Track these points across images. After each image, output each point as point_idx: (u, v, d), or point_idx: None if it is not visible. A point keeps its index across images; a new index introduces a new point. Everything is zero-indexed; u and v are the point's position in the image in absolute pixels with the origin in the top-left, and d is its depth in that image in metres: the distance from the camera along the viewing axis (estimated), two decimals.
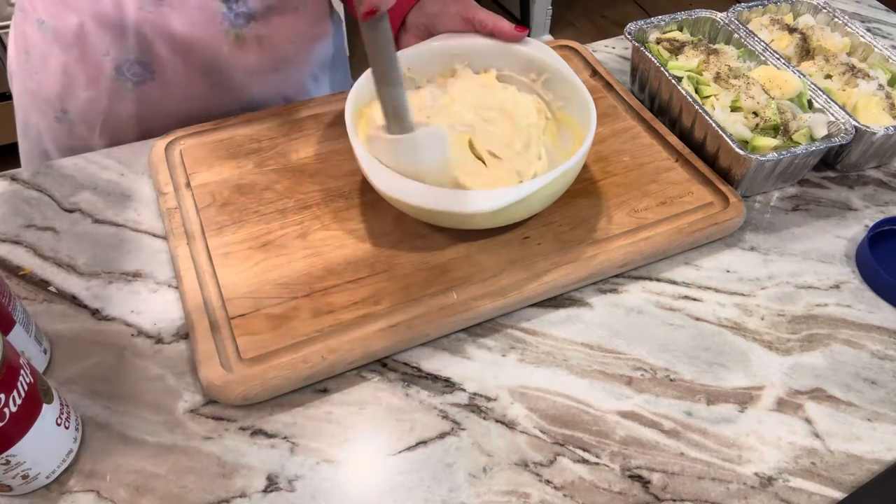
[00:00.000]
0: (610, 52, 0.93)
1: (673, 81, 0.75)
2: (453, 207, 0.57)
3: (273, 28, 0.77)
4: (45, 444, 0.48)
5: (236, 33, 0.75)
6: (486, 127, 0.67)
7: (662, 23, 0.84)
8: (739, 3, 0.88)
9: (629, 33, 0.81)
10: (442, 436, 0.54)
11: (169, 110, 0.78)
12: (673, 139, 0.75)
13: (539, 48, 0.72)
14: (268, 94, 0.83)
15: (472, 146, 0.67)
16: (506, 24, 0.71)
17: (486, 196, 0.57)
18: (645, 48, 0.79)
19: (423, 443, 0.53)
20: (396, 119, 0.59)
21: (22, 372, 0.46)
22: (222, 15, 0.73)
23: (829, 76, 0.79)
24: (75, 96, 0.76)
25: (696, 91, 0.76)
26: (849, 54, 0.83)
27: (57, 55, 0.74)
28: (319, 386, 0.56)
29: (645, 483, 0.52)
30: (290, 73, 0.83)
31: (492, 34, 0.71)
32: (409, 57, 0.71)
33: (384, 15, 0.53)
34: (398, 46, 0.74)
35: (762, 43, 0.80)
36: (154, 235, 0.67)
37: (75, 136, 0.79)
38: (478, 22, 0.71)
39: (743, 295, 0.64)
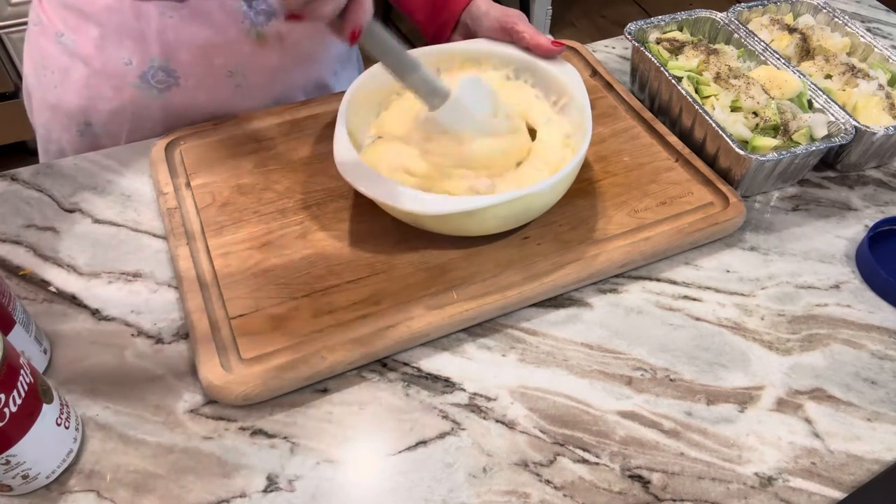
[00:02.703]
0: (610, 52, 0.93)
1: (673, 81, 0.75)
2: (420, 208, 0.57)
3: (293, 25, 0.77)
4: (45, 444, 0.48)
5: (258, 32, 0.75)
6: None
7: (662, 23, 0.84)
8: (739, 3, 0.88)
9: (629, 33, 0.81)
10: (442, 436, 0.54)
11: (194, 114, 0.78)
12: (673, 139, 0.75)
13: (565, 69, 0.70)
14: (291, 92, 0.83)
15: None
16: (543, 39, 0.69)
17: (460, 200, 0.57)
18: (645, 48, 0.79)
19: (423, 443, 0.53)
20: (433, 95, 0.62)
21: (22, 372, 0.46)
22: (243, 14, 0.73)
23: (829, 76, 0.79)
24: (99, 108, 0.76)
25: (696, 91, 0.76)
26: (849, 54, 0.83)
27: (78, 68, 0.74)
28: (319, 386, 0.56)
29: (645, 483, 0.52)
30: (312, 69, 0.83)
31: (528, 48, 0.70)
32: (432, 54, 0.71)
33: (370, 22, 0.54)
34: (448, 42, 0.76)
35: (762, 43, 0.80)
36: (154, 235, 0.67)
37: (99, 148, 0.78)
38: (515, 33, 0.70)
39: (743, 295, 0.64)
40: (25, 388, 0.46)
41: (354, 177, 0.59)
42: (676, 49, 0.81)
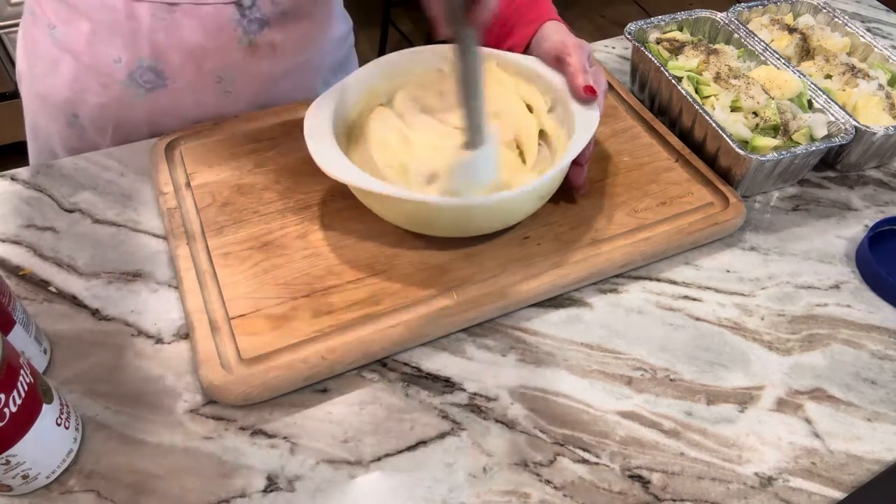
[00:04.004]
0: (610, 52, 0.93)
1: (673, 81, 0.75)
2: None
3: (286, 34, 0.77)
4: (45, 444, 0.48)
5: (250, 40, 0.75)
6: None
7: (662, 23, 0.84)
8: (739, 3, 0.89)
9: (629, 33, 0.81)
10: (442, 436, 0.54)
11: (181, 117, 0.78)
12: (673, 139, 0.75)
13: (589, 116, 0.64)
14: (280, 100, 0.82)
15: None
16: (581, 79, 0.64)
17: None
18: (645, 48, 0.79)
19: (423, 443, 0.53)
20: (477, 132, 0.59)
21: (22, 372, 0.46)
22: (236, 21, 0.73)
23: (829, 76, 0.79)
24: (86, 102, 0.76)
25: (696, 91, 0.76)
26: (849, 54, 0.83)
27: (67, 61, 0.74)
28: (319, 386, 0.56)
29: (645, 483, 0.52)
30: (303, 78, 0.83)
31: (569, 81, 0.66)
32: (491, 56, 0.70)
33: (475, 34, 0.52)
34: None
35: (762, 43, 0.80)
36: (154, 235, 0.67)
37: (86, 141, 0.79)
38: (564, 64, 0.66)
39: (743, 295, 0.64)
40: (25, 388, 0.46)
41: (338, 171, 0.59)
42: (676, 49, 0.81)
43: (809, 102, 0.74)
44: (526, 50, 0.72)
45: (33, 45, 0.76)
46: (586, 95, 0.64)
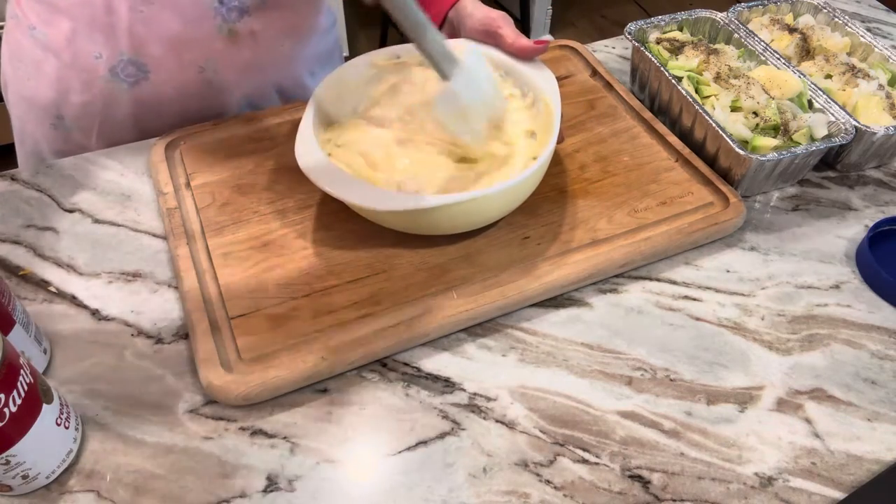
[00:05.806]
0: (610, 52, 0.93)
1: (673, 81, 0.75)
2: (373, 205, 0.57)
3: (267, 22, 0.77)
4: (45, 444, 0.48)
5: (230, 28, 0.75)
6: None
7: (662, 23, 0.84)
8: (739, 3, 0.89)
9: (629, 33, 0.81)
10: (442, 436, 0.54)
11: (165, 110, 0.78)
12: (673, 139, 0.75)
13: (544, 74, 0.69)
14: (264, 90, 0.83)
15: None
16: (524, 41, 0.68)
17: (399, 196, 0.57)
18: (645, 48, 0.79)
19: (423, 443, 0.53)
20: (446, 60, 0.60)
21: (22, 372, 0.46)
22: (214, 10, 0.73)
23: (829, 76, 0.79)
24: (70, 102, 0.76)
25: (696, 91, 0.76)
26: (849, 54, 0.83)
27: (50, 61, 0.74)
28: (319, 386, 0.56)
29: (645, 483, 0.52)
30: (286, 68, 0.83)
31: (510, 51, 0.69)
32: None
33: None
34: None
35: (762, 43, 0.80)
36: (154, 235, 0.67)
37: (72, 142, 0.79)
38: (498, 36, 0.69)
39: (743, 295, 0.64)
40: (25, 388, 0.46)
41: (317, 175, 0.59)
42: (676, 49, 0.81)
43: (809, 102, 0.74)
44: (443, 24, 0.74)
45: (17, 48, 0.76)
46: (537, 47, 0.68)
